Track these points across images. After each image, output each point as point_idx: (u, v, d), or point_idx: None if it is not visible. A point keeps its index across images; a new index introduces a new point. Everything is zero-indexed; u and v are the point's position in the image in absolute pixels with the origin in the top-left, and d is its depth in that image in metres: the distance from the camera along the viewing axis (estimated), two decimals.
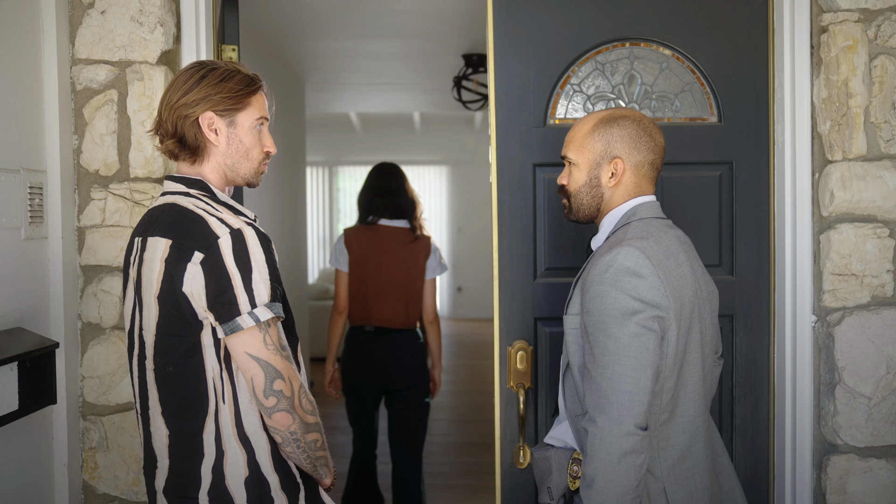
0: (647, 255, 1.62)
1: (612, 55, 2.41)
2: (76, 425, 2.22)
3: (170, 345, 1.56)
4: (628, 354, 1.58)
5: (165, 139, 1.65)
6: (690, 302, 1.67)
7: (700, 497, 1.68)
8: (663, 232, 1.71)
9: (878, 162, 2.27)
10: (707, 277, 1.77)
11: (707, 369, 1.73)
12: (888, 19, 2.26)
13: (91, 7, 2.21)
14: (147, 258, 1.60)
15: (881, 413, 2.27)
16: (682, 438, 1.68)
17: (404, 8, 4.14)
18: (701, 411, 1.70)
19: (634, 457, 1.55)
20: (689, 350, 1.67)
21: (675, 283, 1.64)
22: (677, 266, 1.67)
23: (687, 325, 1.66)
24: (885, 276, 2.27)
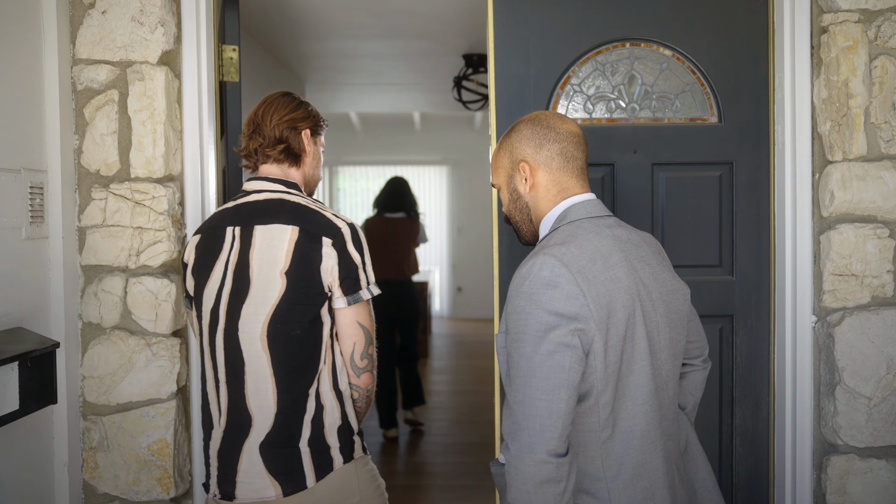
0: (563, 264, 1.50)
1: (612, 55, 2.41)
2: (77, 425, 2.22)
3: (298, 313, 1.83)
4: (540, 375, 1.46)
5: (270, 145, 1.97)
6: (626, 307, 1.53)
7: None
8: (594, 233, 1.59)
9: (878, 162, 2.27)
10: (665, 277, 1.64)
11: (665, 377, 1.60)
12: (888, 20, 2.26)
13: (92, 7, 2.21)
14: (263, 243, 1.87)
15: (881, 413, 2.27)
16: (632, 456, 1.55)
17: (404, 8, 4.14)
18: (655, 424, 1.57)
19: (552, 485, 1.45)
20: (631, 359, 1.54)
21: (601, 289, 1.51)
22: (606, 269, 1.53)
23: (622, 333, 1.52)
24: (885, 277, 2.27)
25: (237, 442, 1.84)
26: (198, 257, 1.93)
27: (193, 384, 2.30)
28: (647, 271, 1.61)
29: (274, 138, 1.96)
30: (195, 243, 1.95)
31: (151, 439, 2.23)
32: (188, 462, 2.30)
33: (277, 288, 1.83)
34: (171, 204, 2.24)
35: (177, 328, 2.25)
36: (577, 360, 1.47)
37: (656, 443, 1.57)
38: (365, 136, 10.64)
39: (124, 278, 2.23)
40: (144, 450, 2.23)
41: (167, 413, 2.23)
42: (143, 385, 2.23)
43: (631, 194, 2.40)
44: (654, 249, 1.68)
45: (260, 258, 1.86)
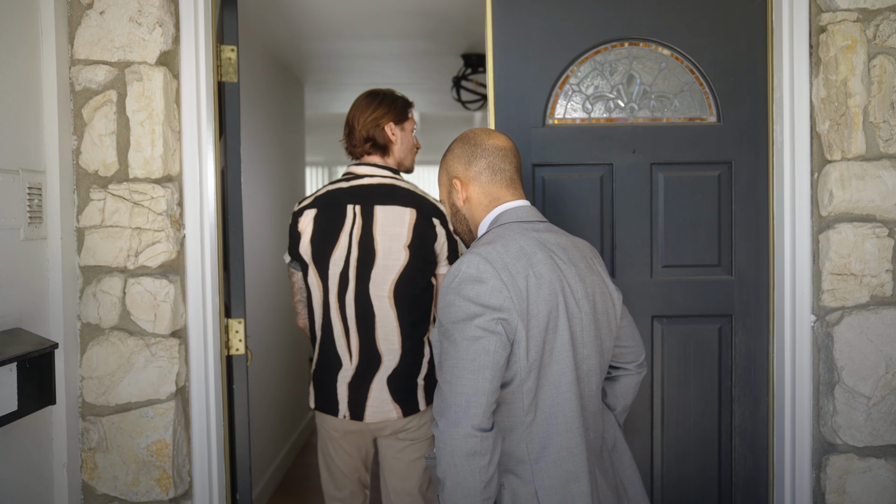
0: (488, 261, 1.63)
1: (610, 55, 2.41)
2: (75, 426, 2.22)
3: (417, 278, 2.39)
4: (467, 357, 1.58)
5: (360, 144, 2.50)
6: (548, 301, 1.64)
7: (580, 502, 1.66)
8: (520, 234, 1.71)
9: (876, 161, 2.27)
10: (592, 279, 1.75)
11: (587, 370, 1.71)
12: (887, 19, 2.26)
13: (90, 7, 2.21)
14: (385, 220, 2.40)
15: (880, 413, 2.27)
16: (555, 440, 1.66)
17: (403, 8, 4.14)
18: (577, 413, 1.67)
19: (478, 458, 1.55)
20: (553, 350, 1.65)
21: (522, 283, 1.62)
22: (529, 266, 1.65)
23: (544, 325, 1.63)
24: (884, 276, 2.27)
25: (369, 376, 2.41)
26: (317, 228, 2.44)
27: (193, 384, 2.30)
28: (571, 272, 1.71)
29: (362, 138, 2.49)
30: (312, 216, 2.44)
31: (150, 440, 2.22)
32: (187, 462, 2.30)
33: (402, 258, 2.38)
34: (169, 204, 2.24)
35: (175, 329, 2.25)
36: (500, 346, 1.59)
37: (578, 430, 1.68)
38: None
39: (123, 279, 2.23)
40: (143, 450, 2.23)
41: (166, 413, 2.23)
42: (141, 385, 2.23)
43: (629, 194, 2.40)
44: (584, 254, 1.78)
45: (383, 233, 2.40)
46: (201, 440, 2.31)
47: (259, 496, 4.38)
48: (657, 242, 2.42)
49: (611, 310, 1.79)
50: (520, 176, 1.84)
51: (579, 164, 2.41)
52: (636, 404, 2.43)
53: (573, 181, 2.41)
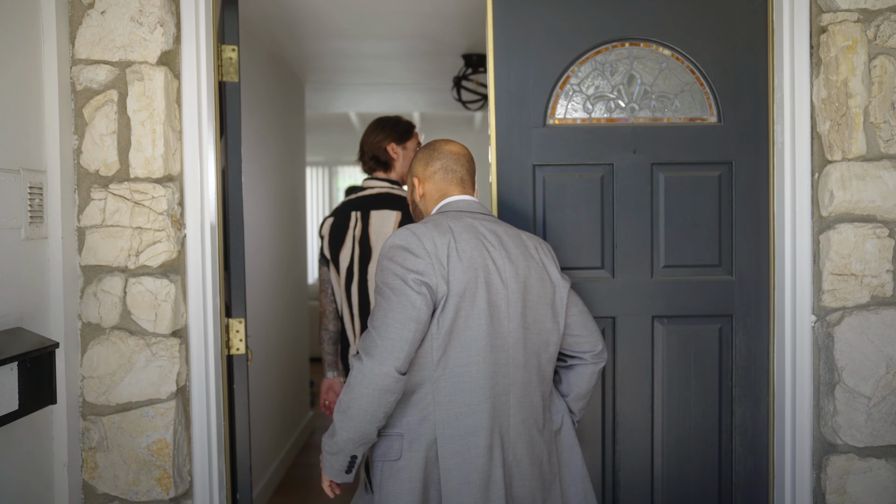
0: (415, 234, 1.88)
1: (611, 55, 2.41)
2: (76, 425, 2.22)
3: None
4: (396, 309, 1.81)
5: (367, 162, 3.03)
6: (466, 273, 1.86)
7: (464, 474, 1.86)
8: (454, 218, 1.95)
9: (877, 162, 2.27)
10: (526, 264, 1.95)
11: (512, 343, 1.91)
12: (887, 19, 2.26)
13: (91, 7, 2.21)
14: (377, 221, 2.89)
15: (881, 413, 2.27)
16: (459, 397, 1.87)
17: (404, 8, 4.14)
18: (486, 377, 1.87)
19: (389, 395, 1.79)
20: (469, 317, 1.86)
21: (443, 255, 1.86)
22: (454, 242, 1.88)
23: (460, 293, 1.85)
24: (884, 276, 2.27)
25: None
26: (332, 233, 2.96)
27: (194, 383, 2.30)
28: (500, 254, 1.93)
29: (368, 157, 3.02)
30: (330, 223, 2.98)
31: (151, 439, 2.23)
32: (188, 462, 2.30)
33: None
34: (170, 204, 2.24)
35: (176, 328, 2.25)
36: (424, 304, 1.82)
37: (484, 392, 1.88)
38: None
39: (124, 278, 2.23)
40: (144, 450, 2.23)
41: (167, 413, 2.23)
42: (142, 385, 2.23)
43: (630, 194, 2.40)
44: (524, 243, 1.99)
45: (376, 232, 2.88)
46: (202, 440, 2.31)
47: (259, 495, 4.38)
48: (658, 242, 2.42)
49: (549, 295, 1.98)
50: (472, 178, 2.09)
51: (580, 165, 2.41)
52: (637, 403, 2.43)
53: (574, 181, 2.41)
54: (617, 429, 2.44)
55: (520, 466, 1.94)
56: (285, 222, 5.34)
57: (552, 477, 2.00)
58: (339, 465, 1.90)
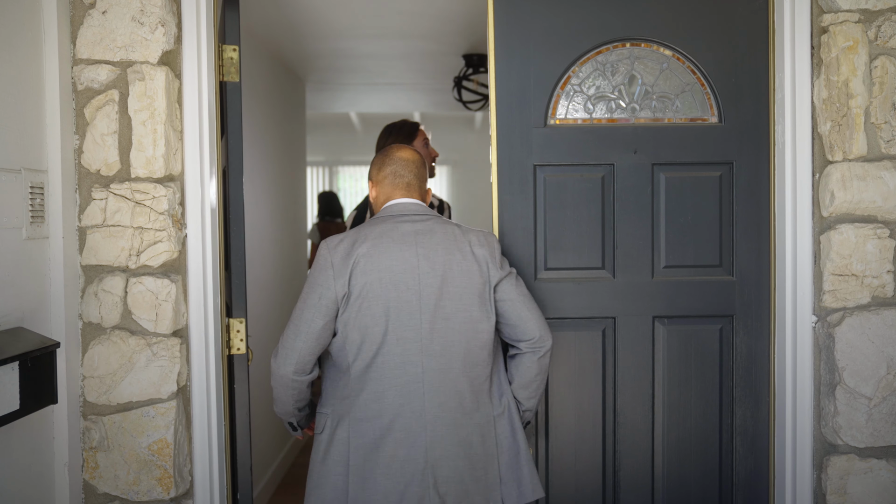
0: (328, 247, 2.12)
1: (612, 55, 2.41)
2: (77, 425, 2.22)
3: None
4: (295, 321, 2.10)
5: None
6: (370, 276, 2.07)
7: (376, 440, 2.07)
8: (380, 224, 2.16)
9: (878, 162, 2.27)
10: (445, 259, 2.11)
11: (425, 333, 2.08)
12: (888, 20, 2.26)
13: (92, 7, 2.21)
14: None
15: (881, 413, 2.27)
16: (370, 385, 2.09)
17: (405, 8, 4.14)
18: (393, 369, 2.07)
19: (291, 391, 2.14)
20: (374, 314, 2.07)
21: (350, 262, 2.08)
22: (364, 249, 2.09)
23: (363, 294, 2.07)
24: (885, 277, 2.27)
25: None
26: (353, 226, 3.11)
27: (194, 383, 2.30)
28: (413, 252, 2.10)
29: None
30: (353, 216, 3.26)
31: (152, 439, 2.23)
32: (188, 462, 2.30)
33: None
34: (171, 204, 2.24)
35: (177, 328, 2.25)
36: (320, 316, 2.08)
37: (391, 380, 2.08)
38: (365, 137, 10.63)
39: (124, 278, 2.23)
40: (145, 450, 2.23)
41: (167, 413, 2.23)
42: (143, 385, 2.23)
43: (631, 194, 2.40)
44: (446, 240, 2.14)
45: None
46: (202, 439, 2.31)
47: (260, 495, 4.38)
48: (658, 243, 2.42)
49: (477, 286, 2.11)
50: (419, 182, 2.26)
51: (581, 165, 2.41)
52: (637, 403, 2.43)
53: (574, 181, 2.41)
54: (617, 429, 2.44)
55: (443, 447, 2.08)
56: (286, 221, 5.34)
57: (487, 458, 2.12)
58: (286, 426, 2.32)
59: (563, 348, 2.41)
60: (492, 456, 2.13)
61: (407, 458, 2.07)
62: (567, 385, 2.42)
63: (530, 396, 2.23)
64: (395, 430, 2.08)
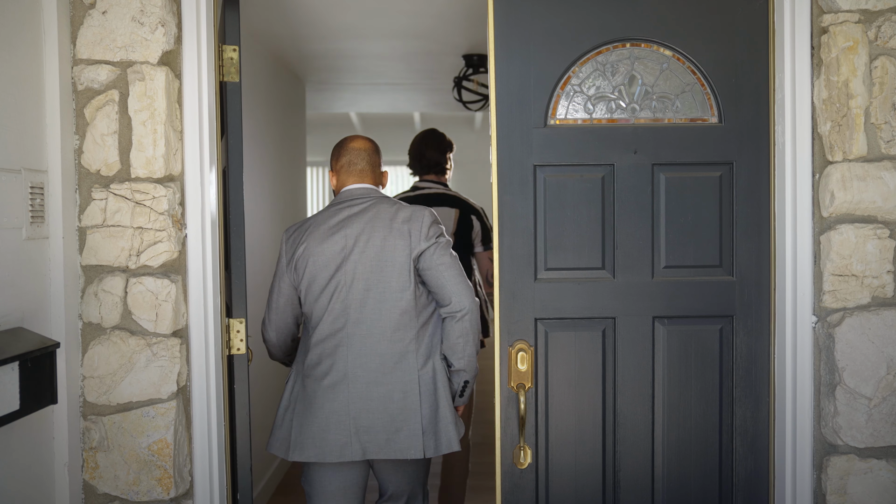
0: (287, 234, 2.65)
1: (612, 56, 2.41)
2: (77, 425, 2.22)
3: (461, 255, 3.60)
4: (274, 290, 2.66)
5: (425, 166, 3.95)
6: (315, 258, 2.53)
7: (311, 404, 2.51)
8: (325, 212, 2.61)
9: (878, 163, 2.27)
10: (379, 235, 2.51)
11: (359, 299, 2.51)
12: (888, 20, 2.26)
13: (92, 7, 2.22)
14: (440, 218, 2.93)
15: (881, 414, 2.27)
16: (315, 349, 2.55)
17: (405, 9, 4.14)
18: (328, 336, 2.53)
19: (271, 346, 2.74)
20: (316, 290, 2.54)
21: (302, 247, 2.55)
22: (310, 234, 2.56)
23: (311, 273, 2.54)
24: (885, 277, 2.28)
25: None
26: None
27: (194, 383, 2.30)
28: (349, 234, 2.53)
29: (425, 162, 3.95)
30: None
31: (152, 439, 2.23)
32: (188, 462, 2.30)
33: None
34: (171, 204, 2.24)
35: (177, 328, 2.25)
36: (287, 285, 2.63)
37: (325, 344, 2.53)
38: None
39: (124, 278, 2.23)
40: (145, 450, 2.23)
41: (167, 413, 2.23)
42: (143, 385, 2.23)
43: (631, 195, 2.40)
44: (384, 217, 2.53)
45: None
46: (202, 440, 2.31)
47: (260, 496, 4.38)
48: (658, 243, 2.42)
49: (404, 258, 2.49)
50: (372, 168, 2.70)
51: (581, 165, 2.41)
52: (637, 404, 2.43)
53: (574, 181, 2.41)
54: (617, 429, 2.44)
55: (363, 402, 2.47)
56: (286, 221, 5.34)
57: (409, 412, 2.46)
58: None
59: (563, 348, 2.41)
60: (414, 410, 2.46)
61: (332, 410, 2.47)
62: (567, 385, 2.42)
63: (459, 357, 2.52)
64: (325, 387, 2.49)
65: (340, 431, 2.46)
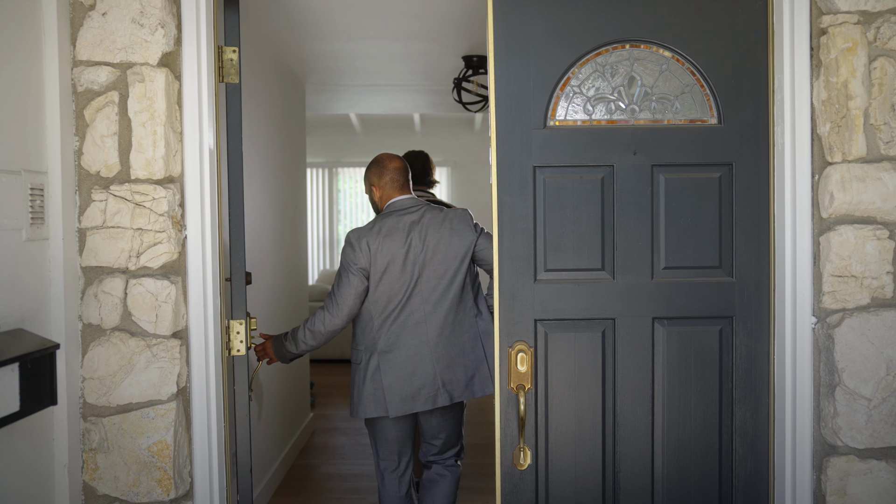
0: (357, 235, 3.16)
1: (612, 57, 2.41)
2: (77, 426, 2.22)
3: None
4: (345, 284, 3.15)
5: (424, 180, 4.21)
6: (385, 256, 3.12)
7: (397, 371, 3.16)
8: (388, 217, 3.20)
9: (877, 164, 2.27)
10: (436, 237, 3.17)
11: (427, 292, 3.18)
12: (887, 21, 2.26)
13: (92, 9, 2.22)
14: None
15: (881, 414, 2.27)
16: (391, 328, 3.19)
17: (404, 10, 4.15)
18: (405, 316, 3.16)
19: (335, 332, 3.21)
20: (390, 281, 3.14)
21: (375, 248, 3.12)
22: (380, 238, 3.14)
23: (383, 269, 3.13)
24: (884, 278, 2.28)
25: None
26: None
27: (194, 384, 2.31)
28: (414, 235, 3.17)
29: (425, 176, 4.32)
30: None
31: (151, 440, 2.23)
32: (188, 463, 2.30)
33: None
34: (171, 205, 2.24)
35: (177, 329, 2.25)
36: (359, 281, 3.15)
37: (403, 323, 3.17)
38: (365, 138, 10.65)
39: (124, 280, 2.23)
40: (144, 451, 2.23)
41: (167, 414, 2.23)
42: (143, 386, 2.23)
43: (630, 196, 2.40)
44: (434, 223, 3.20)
45: None
46: (202, 441, 2.31)
47: (259, 496, 4.38)
48: (658, 244, 2.42)
49: (458, 247, 3.20)
50: (408, 181, 3.33)
51: (580, 166, 2.41)
52: (637, 405, 2.43)
53: (574, 182, 2.41)
54: (617, 430, 2.44)
55: (447, 360, 3.18)
56: (285, 223, 5.34)
57: (477, 362, 3.24)
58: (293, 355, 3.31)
59: (563, 349, 2.41)
60: (481, 359, 3.25)
61: (421, 372, 3.16)
62: (567, 386, 2.43)
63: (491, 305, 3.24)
64: (411, 355, 3.16)
65: (429, 386, 3.17)
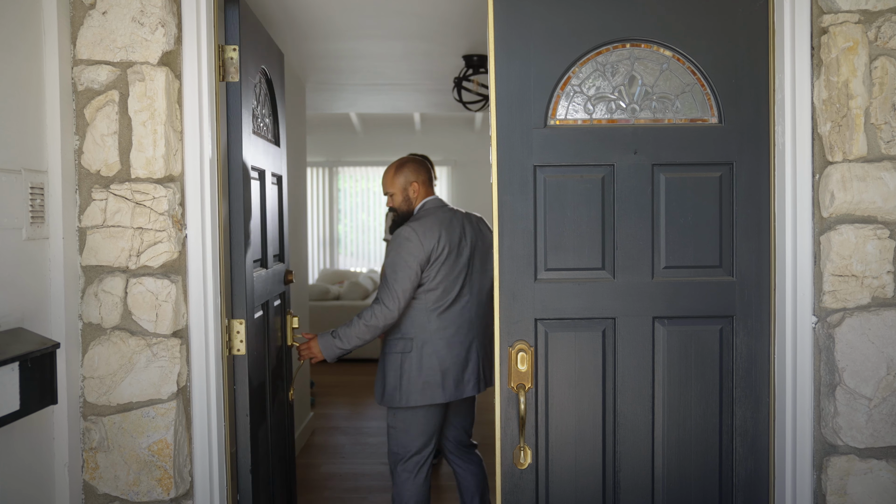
0: (413, 230, 3.28)
1: (612, 56, 2.41)
2: (77, 425, 2.22)
3: None
4: (401, 276, 3.25)
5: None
6: (444, 248, 3.30)
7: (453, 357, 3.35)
8: (433, 213, 3.39)
9: (878, 163, 2.27)
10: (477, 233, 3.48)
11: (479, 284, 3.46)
12: (888, 20, 2.26)
13: (92, 8, 2.22)
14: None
15: (881, 414, 2.27)
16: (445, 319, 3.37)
17: (405, 9, 4.14)
18: (459, 307, 3.38)
19: (390, 322, 3.27)
20: (447, 273, 3.32)
21: (432, 240, 3.28)
22: (436, 230, 3.31)
23: (443, 261, 3.30)
24: (885, 278, 2.28)
25: None
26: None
27: (194, 384, 2.30)
28: (461, 230, 3.42)
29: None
30: None
31: (152, 440, 2.23)
32: (188, 462, 2.30)
33: None
34: (171, 204, 2.24)
35: (177, 329, 2.25)
36: (415, 273, 3.27)
37: (456, 314, 3.38)
38: (365, 137, 10.65)
39: (125, 279, 2.23)
40: (145, 450, 2.23)
41: (167, 413, 2.23)
42: (143, 385, 2.23)
43: (631, 195, 2.40)
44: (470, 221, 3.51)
45: None
46: (202, 440, 2.31)
47: None
48: (658, 243, 2.42)
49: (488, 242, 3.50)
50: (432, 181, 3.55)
51: (581, 165, 2.41)
52: (637, 404, 2.43)
53: (574, 182, 2.41)
54: (617, 429, 2.44)
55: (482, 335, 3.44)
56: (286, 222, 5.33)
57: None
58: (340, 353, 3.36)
59: (563, 349, 2.41)
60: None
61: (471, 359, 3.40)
62: (567, 385, 2.42)
63: None
64: (463, 342, 3.38)
65: (475, 372, 3.39)
